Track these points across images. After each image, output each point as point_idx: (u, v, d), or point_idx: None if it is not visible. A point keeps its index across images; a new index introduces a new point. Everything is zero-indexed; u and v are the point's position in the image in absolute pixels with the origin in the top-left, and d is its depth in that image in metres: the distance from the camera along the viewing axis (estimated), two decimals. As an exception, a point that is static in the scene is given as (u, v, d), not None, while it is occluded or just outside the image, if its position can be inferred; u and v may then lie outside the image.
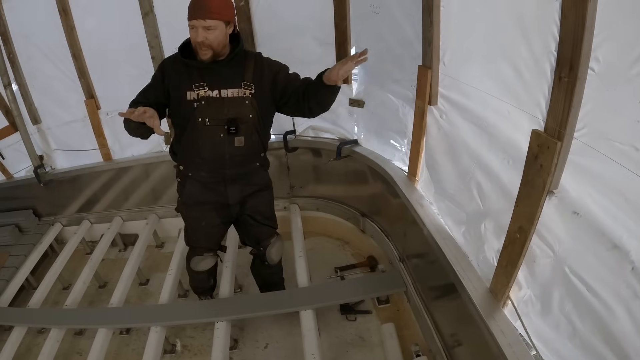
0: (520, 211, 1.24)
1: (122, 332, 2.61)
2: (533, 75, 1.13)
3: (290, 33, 2.56)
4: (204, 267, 2.22)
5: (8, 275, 3.03)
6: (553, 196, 1.13)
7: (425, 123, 1.90)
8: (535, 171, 1.13)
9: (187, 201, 2.03)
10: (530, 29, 1.13)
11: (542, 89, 1.09)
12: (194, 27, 1.65)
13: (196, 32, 1.65)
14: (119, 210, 3.43)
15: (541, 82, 1.09)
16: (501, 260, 1.38)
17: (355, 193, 2.85)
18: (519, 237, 1.26)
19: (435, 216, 1.89)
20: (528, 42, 1.14)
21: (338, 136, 2.78)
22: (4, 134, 3.46)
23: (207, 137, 1.80)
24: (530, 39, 1.13)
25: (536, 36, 1.10)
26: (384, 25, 2.07)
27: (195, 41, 1.67)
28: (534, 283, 1.29)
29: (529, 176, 1.17)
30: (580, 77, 0.95)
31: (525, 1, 1.14)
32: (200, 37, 1.65)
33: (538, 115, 1.12)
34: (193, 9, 1.64)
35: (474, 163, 1.55)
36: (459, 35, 1.56)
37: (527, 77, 1.17)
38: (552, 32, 1.02)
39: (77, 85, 3.11)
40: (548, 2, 0.99)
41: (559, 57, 1.00)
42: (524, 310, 1.34)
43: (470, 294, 1.47)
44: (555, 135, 1.05)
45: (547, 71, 1.06)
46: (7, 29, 3.07)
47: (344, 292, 2.32)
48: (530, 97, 1.15)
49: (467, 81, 1.53)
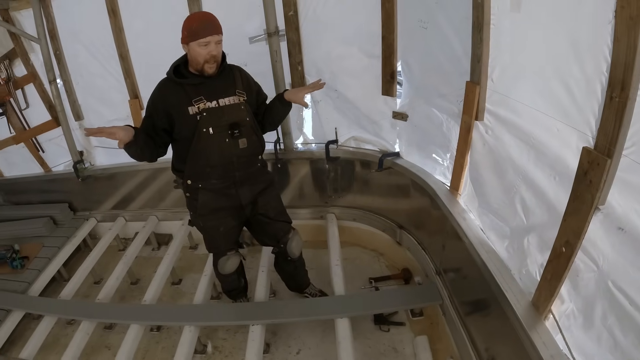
0: (568, 226, 1.35)
1: (153, 329, 2.80)
2: (584, 94, 1.26)
3: (337, 43, 2.74)
4: (231, 267, 2.44)
5: (40, 265, 3.31)
6: (599, 212, 1.25)
7: (470, 138, 2.03)
8: (585, 187, 1.24)
9: (202, 212, 2.25)
10: (583, 50, 1.25)
11: (592, 108, 1.21)
12: (208, 43, 1.94)
13: (210, 47, 1.95)
14: (154, 209, 3.68)
15: (592, 101, 1.21)
16: (545, 274, 1.49)
17: (394, 205, 2.99)
18: (564, 251, 1.37)
19: (478, 229, 2.01)
20: (580, 63, 1.26)
21: (380, 148, 2.95)
22: (45, 128, 3.79)
23: (213, 144, 2.06)
24: (583, 60, 1.25)
25: (589, 58, 1.22)
26: (432, 40, 2.22)
27: (209, 55, 1.97)
28: (577, 297, 1.40)
29: (578, 192, 1.28)
30: (631, 98, 1.07)
31: (580, 25, 1.26)
32: (215, 51, 1.97)
33: (588, 133, 1.24)
34: (207, 27, 1.94)
35: (519, 178, 1.68)
36: (510, 52, 1.69)
37: (578, 96, 1.29)
38: (604, 55, 1.14)
39: (121, 85, 3.40)
40: (601, 26, 1.12)
41: (611, 77, 1.12)
42: (565, 324, 1.45)
43: (513, 306, 1.58)
44: (605, 152, 1.16)
45: (597, 91, 1.18)
46: (55, 26, 3.38)
47: (380, 302, 2.46)
48: (581, 115, 1.27)
49: (517, 98, 1.65)
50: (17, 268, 3.33)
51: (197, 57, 1.96)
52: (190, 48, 1.96)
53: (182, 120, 2.04)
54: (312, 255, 3.17)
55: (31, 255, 3.44)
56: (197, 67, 2.00)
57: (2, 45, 3.55)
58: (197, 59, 1.97)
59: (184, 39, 1.96)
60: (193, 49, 1.95)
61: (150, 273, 3.03)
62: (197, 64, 1.99)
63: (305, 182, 3.31)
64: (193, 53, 1.97)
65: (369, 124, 2.93)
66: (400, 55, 2.56)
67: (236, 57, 2.35)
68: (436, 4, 2.07)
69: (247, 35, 2.85)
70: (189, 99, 2.02)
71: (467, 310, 2.06)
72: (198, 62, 1.98)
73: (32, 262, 3.36)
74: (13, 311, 2.93)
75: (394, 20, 2.47)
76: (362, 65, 2.73)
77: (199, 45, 1.93)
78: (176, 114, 2.03)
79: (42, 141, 3.94)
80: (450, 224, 2.14)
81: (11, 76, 3.63)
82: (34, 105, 3.78)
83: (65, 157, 3.88)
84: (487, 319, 1.88)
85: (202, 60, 1.97)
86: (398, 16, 2.45)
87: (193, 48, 1.95)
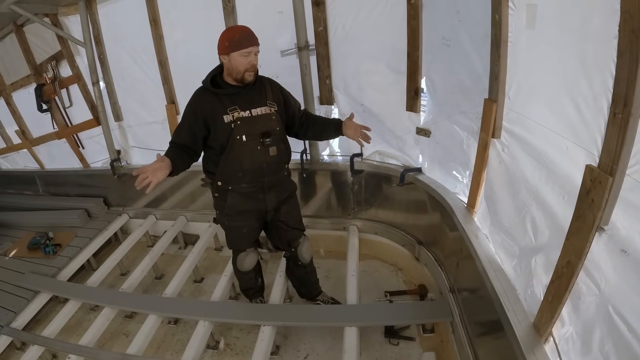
0: (570, 245, 1.35)
1: (170, 321, 2.95)
2: (592, 111, 1.26)
3: (365, 59, 2.84)
4: (250, 263, 2.58)
5: (71, 253, 3.57)
6: (603, 233, 1.24)
7: (487, 155, 2.05)
8: (587, 206, 1.24)
9: (229, 212, 2.38)
10: (591, 66, 1.26)
11: (599, 125, 1.21)
12: (249, 54, 2.08)
13: (251, 57, 2.09)
14: (184, 210, 3.88)
15: (598, 118, 1.21)
16: (547, 295, 1.48)
17: (414, 220, 3.03)
18: (566, 271, 1.37)
19: (489, 248, 2.02)
20: (588, 79, 1.26)
21: (403, 163, 3.01)
22: (87, 126, 4.09)
23: (246, 151, 2.19)
24: (590, 76, 1.25)
25: (596, 73, 1.22)
26: (454, 57, 2.27)
27: (250, 65, 2.10)
28: (577, 320, 1.38)
29: (580, 210, 1.28)
30: (634, 114, 1.06)
31: (588, 40, 1.26)
32: (255, 61, 2.12)
33: (594, 152, 1.24)
34: (248, 39, 2.08)
35: (531, 197, 1.68)
36: (525, 70, 1.71)
37: (586, 113, 1.29)
38: (610, 70, 1.13)
39: (160, 90, 3.62)
40: (608, 41, 1.12)
41: (615, 93, 1.12)
42: (564, 347, 1.43)
43: (513, 327, 1.58)
44: (608, 170, 1.16)
45: (604, 108, 1.18)
46: (100, 32, 3.65)
47: (390, 314, 2.49)
48: (588, 133, 1.27)
49: (531, 116, 1.67)
50: (49, 254, 3.61)
51: (239, 67, 2.09)
52: (232, 58, 2.08)
53: (218, 128, 2.16)
54: (333, 265, 3.27)
55: (64, 243, 3.72)
56: (237, 76, 2.13)
57: (50, 47, 3.88)
58: (238, 68, 2.10)
59: (225, 49, 2.07)
60: (234, 59, 2.08)
61: (175, 270, 3.18)
62: (238, 73, 2.12)
63: (330, 193, 3.40)
64: (234, 63, 2.09)
65: (393, 138, 2.99)
66: (424, 72, 2.62)
67: (268, 69, 2.50)
68: (459, 22, 2.13)
69: (279, 49, 2.99)
70: (225, 108, 2.15)
71: (476, 329, 2.05)
72: (239, 71, 2.11)
73: (64, 250, 3.64)
74: (41, 293, 3.18)
75: (419, 37, 2.54)
76: (388, 80, 2.81)
77: (240, 55, 2.06)
78: (213, 122, 2.16)
79: (83, 138, 4.26)
80: (464, 242, 2.15)
81: (57, 76, 3.95)
82: (77, 105, 4.08)
83: (103, 155, 4.16)
84: (492, 340, 1.87)
85: (242, 69, 2.10)
86: (423, 33, 2.52)
87: (234, 58, 2.07)
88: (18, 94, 4.39)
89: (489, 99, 1.95)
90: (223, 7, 3.06)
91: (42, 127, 4.34)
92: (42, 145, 4.55)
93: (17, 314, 2.99)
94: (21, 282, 3.28)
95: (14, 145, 4.85)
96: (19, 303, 3.08)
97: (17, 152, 4.90)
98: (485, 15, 1.85)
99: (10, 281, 3.34)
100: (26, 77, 4.17)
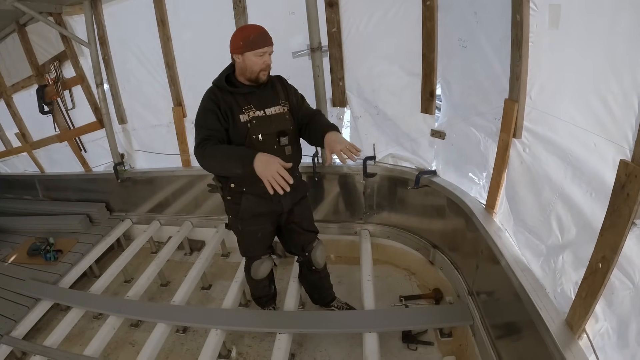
0: (605, 240, 1.38)
1: (179, 330, 2.94)
2: (621, 108, 1.31)
3: (379, 61, 2.89)
4: (264, 271, 2.58)
5: (73, 260, 3.57)
6: (635, 227, 1.29)
7: (508, 156, 2.10)
8: (622, 200, 1.28)
9: (243, 215, 2.36)
10: (620, 65, 1.32)
11: (629, 121, 1.27)
12: (264, 53, 2.12)
13: (265, 57, 2.13)
14: (190, 215, 3.89)
15: (629, 115, 1.27)
16: (580, 291, 1.52)
17: (428, 224, 3.06)
18: (601, 267, 1.40)
19: (514, 248, 2.05)
20: (618, 77, 1.32)
21: (417, 166, 3.05)
22: (90, 129, 4.10)
23: (262, 150, 2.14)
24: (620, 74, 1.31)
25: (626, 71, 1.28)
26: (471, 58, 2.32)
27: (264, 64, 2.14)
28: (612, 315, 1.42)
29: (615, 205, 1.32)
30: None
31: (617, 39, 1.32)
32: (269, 61, 2.16)
33: (625, 147, 1.30)
34: (263, 39, 2.11)
35: (556, 196, 1.73)
36: (549, 70, 1.77)
37: (616, 110, 1.35)
38: None
39: (166, 92, 3.65)
40: (637, 39, 1.19)
41: None
42: (599, 343, 1.47)
43: (547, 325, 1.60)
44: None
45: (634, 104, 1.24)
46: (105, 33, 3.68)
47: (409, 319, 2.50)
48: (618, 129, 1.33)
49: (555, 115, 1.72)
50: (50, 260, 3.60)
51: (253, 66, 2.13)
52: (246, 58, 2.11)
53: (234, 126, 2.17)
54: (345, 271, 3.29)
55: (65, 249, 3.71)
56: (251, 75, 2.16)
57: (53, 48, 3.91)
58: (253, 68, 2.13)
59: (239, 49, 2.10)
60: (249, 59, 2.11)
61: (181, 277, 3.19)
62: (252, 73, 2.15)
63: (341, 197, 3.43)
64: (249, 62, 2.12)
65: (407, 141, 3.04)
66: (439, 74, 2.67)
67: (279, 70, 2.51)
68: (476, 22, 2.19)
69: (290, 50, 3.04)
70: (240, 107, 2.17)
71: (499, 331, 2.09)
72: (253, 71, 2.14)
73: (65, 256, 3.63)
74: (42, 300, 3.16)
75: (435, 39, 2.59)
76: (402, 83, 2.86)
77: (255, 55, 2.10)
78: (231, 118, 2.17)
79: (85, 141, 4.28)
80: (486, 243, 2.18)
81: (60, 77, 3.97)
82: (80, 107, 4.10)
83: (106, 158, 4.18)
84: (519, 340, 1.90)
85: (257, 69, 2.13)
86: (438, 35, 2.58)
87: (249, 57, 2.11)
88: (19, 96, 4.41)
89: (509, 99, 2.00)
90: (234, 8, 3.11)
91: (43, 130, 4.35)
92: (43, 149, 4.56)
93: (17, 323, 2.97)
94: (21, 289, 3.27)
95: (13, 148, 4.87)
96: (19, 311, 3.06)
97: (17, 155, 4.92)
98: (503, 16, 1.91)
99: (10, 288, 3.32)
100: (28, 78, 4.20)
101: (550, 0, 1.67)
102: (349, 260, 3.39)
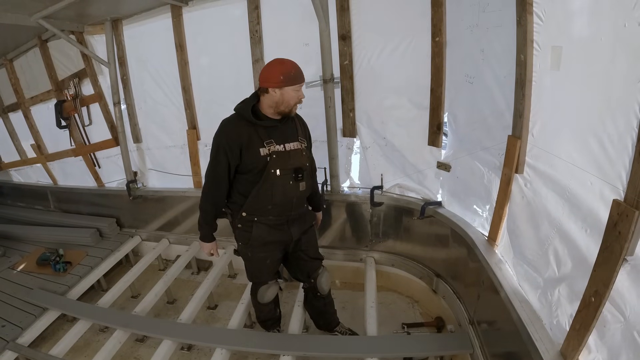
0: (598, 276, 1.47)
1: (184, 348, 2.99)
2: (616, 149, 1.41)
3: (389, 93, 3.04)
4: (271, 296, 2.66)
5: (82, 272, 3.66)
6: (626, 263, 1.38)
7: (510, 190, 2.20)
8: (614, 238, 1.38)
9: (254, 243, 2.46)
10: (615, 107, 1.41)
11: (623, 162, 1.36)
12: (299, 90, 2.23)
13: (300, 92, 2.24)
14: (198, 235, 3.94)
15: (623, 155, 1.36)
16: (574, 324, 1.60)
17: (432, 253, 3.15)
18: (593, 300, 1.48)
19: (513, 280, 2.14)
20: (614, 119, 1.42)
21: (423, 196, 3.15)
22: (105, 145, 4.26)
23: (279, 185, 2.30)
24: (615, 116, 1.41)
25: (620, 114, 1.37)
26: (477, 94, 2.45)
27: (298, 100, 2.25)
28: (603, 347, 1.50)
29: (607, 242, 1.41)
30: None
31: (613, 82, 1.42)
32: (303, 95, 2.27)
33: (619, 187, 1.39)
34: (301, 75, 2.23)
35: (554, 230, 1.82)
36: (550, 109, 1.88)
37: (611, 150, 1.44)
38: (634, 111, 1.29)
39: (181, 114, 3.80)
40: (632, 84, 1.29)
41: None
42: (591, 375, 1.56)
43: (542, 356, 1.68)
44: (634, 204, 1.30)
45: (628, 146, 1.32)
46: (124, 54, 3.86)
47: (410, 346, 2.55)
48: (613, 169, 1.42)
49: (555, 153, 1.82)
50: (59, 271, 3.70)
51: (290, 100, 2.22)
52: (285, 92, 2.18)
53: (252, 159, 2.24)
54: (349, 297, 3.37)
55: (74, 261, 3.81)
56: (285, 109, 2.24)
57: (74, 64, 4.10)
58: (289, 102, 2.22)
59: (279, 83, 2.15)
60: (287, 93, 2.19)
61: (187, 295, 3.26)
62: (287, 107, 2.23)
63: (348, 224, 3.53)
64: (287, 96, 2.20)
65: (414, 172, 3.15)
66: (447, 108, 2.80)
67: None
68: (482, 60, 2.33)
69: (303, 80, 3.20)
70: (261, 140, 2.24)
71: (497, 360, 2.15)
72: (289, 105, 2.23)
73: (74, 268, 3.73)
74: (49, 310, 3.23)
75: (443, 74, 2.73)
76: (410, 115, 2.99)
77: (293, 89, 2.20)
78: (247, 152, 2.23)
79: (100, 157, 4.43)
80: (487, 274, 2.27)
81: (79, 94, 4.14)
82: (97, 124, 4.27)
83: (119, 175, 4.32)
84: (516, 370, 1.97)
85: (293, 103, 2.25)
86: (446, 70, 2.72)
87: (287, 92, 2.19)
88: (37, 109, 4.58)
89: (512, 136, 2.11)
90: (250, 37, 3.29)
91: (59, 143, 4.52)
92: (56, 162, 4.72)
93: (24, 330, 3.02)
94: (29, 298, 3.34)
95: (28, 159, 5.03)
96: (26, 319, 3.12)
97: (31, 166, 5.08)
98: (508, 55, 2.03)
99: (18, 296, 3.39)
100: (47, 92, 4.37)
101: (552, 42, 1.79)
102: (354, 287, 3.47)
